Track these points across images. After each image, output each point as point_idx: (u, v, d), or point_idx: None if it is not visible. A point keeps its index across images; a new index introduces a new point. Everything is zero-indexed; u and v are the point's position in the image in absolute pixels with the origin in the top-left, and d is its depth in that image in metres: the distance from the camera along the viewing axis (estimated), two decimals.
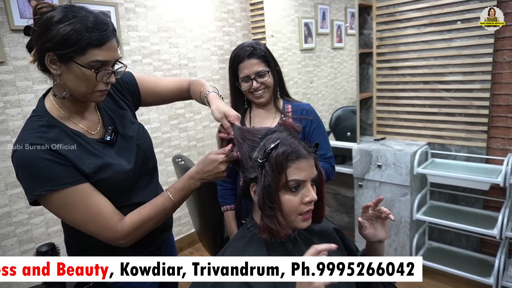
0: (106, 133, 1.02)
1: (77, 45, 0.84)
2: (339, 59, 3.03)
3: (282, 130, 0.89)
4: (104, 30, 0.87)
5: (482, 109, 2.19)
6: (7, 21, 1.89)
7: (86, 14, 0.87)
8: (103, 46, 0.87)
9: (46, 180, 0.87)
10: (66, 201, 0.90)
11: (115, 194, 1.00)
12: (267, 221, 0.84)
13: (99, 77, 0.90)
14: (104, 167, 0.96)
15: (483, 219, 2.17)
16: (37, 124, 0.92)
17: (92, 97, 0.95)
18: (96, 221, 0.93)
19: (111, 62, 0.92)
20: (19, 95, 1.98)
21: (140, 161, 1.08)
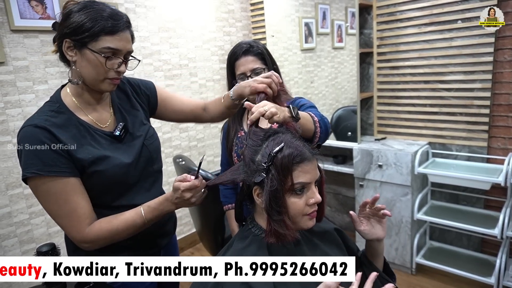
0: (117, 128, 1.04)
1: (90, 31, 0.90)
2: (339, 59, 3.03)
3: (285, 132, 0.88)
4: (117, 19, 0.93)
5: (483, 109, 2.19)
6: (7, 21, 1.89)
7: (103, 7, 0.94)
8: (115, 35, 0.92)
9: (37, 162, 0.90)
10: (49, 189, 0.92)
11: (113, 189, 1.01)
12: (275, 226, 0.83)
13: (109, 64, 0.94)
14: (102, 159, 0.98)
15: (484, 218, 2.16)
16: (48, 108, 0.98)
17: (103, 85, 0.98)
18: (69, 218, 0.94)
19: (123, 51, 0.96)
20: (20, 96, 1.97)
21: (144, 161, 1.08)
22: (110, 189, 1.01)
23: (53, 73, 2.10)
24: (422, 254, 2.38)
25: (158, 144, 1.17)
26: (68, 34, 0.92)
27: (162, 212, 0.98)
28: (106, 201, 1.02)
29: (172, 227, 1.24)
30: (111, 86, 0.99)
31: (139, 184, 1.08)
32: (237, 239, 0.94)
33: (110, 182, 1.00)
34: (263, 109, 0.89)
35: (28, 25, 1.95)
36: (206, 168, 2.96)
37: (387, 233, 2.38)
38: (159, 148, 1.17)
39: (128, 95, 1.14)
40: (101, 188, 1.00)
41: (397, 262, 2.40)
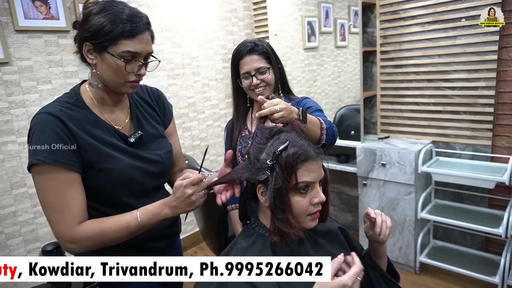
0: (133, 135, 1.04)
1: (110, 35, 0.89)
2: (342, 57, 3.02)
3: (290, 130, 0.88)
4: (136, 22, 0.92)
5: (487, 107, 2.18)
6: (11, 22, 1.90)
7: (122, 8, 0.93)
8: (134, 38, 0.91)
9: (45, 150, 0.88)
10: (49, 178, 0.90)
11: (117, 190, 1.00)
12: (279, 224, 0.83)
13: (129, 68, 0.93)
14: (112, 157, 0.97)
15: (488, 217, 2.15)
16: (65, 99, 0.97)
17: (123, 88, 0.98)
18: (61, 211, 0.90)
19: (142, 54, 0.95)
20: (24, 96, 1.99)
21: (154, 171, 1.08)
22: (115, 189, 1.00)
23: (57, 73, 2.11)
24: (426, 253, 2.37)
25: (172, 160, 1.17)
26: (88, 37, 0.92)
27: (158, 217, 0.95)
28: (110, 201, 1.02)
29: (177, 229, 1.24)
30: (132, 89, 0.99)
31: (145, 193, 1.07)
32: (241, 238, 0.94)
33: (116, 182, 0.99)
34: (274, 109, 0.89)
35: (32, 25, 1.96)
36: (209, 167, 2.96)
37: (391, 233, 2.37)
38: (171, 164, 1.18)
39: (149, 104, 1.14)
40: (107, 187, 0.99)
41: (400, 261, 2.40)
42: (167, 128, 1.20)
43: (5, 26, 1.88)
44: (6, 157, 1.95)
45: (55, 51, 2.08)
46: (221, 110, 3.06)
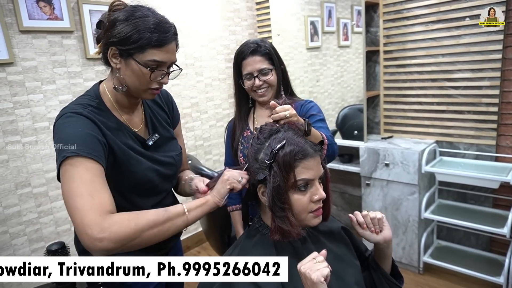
0: (151, 138, 1.06)
1: (138, 43, 0.90)
2: (345, 57, 3.01)
3: (287, 129, 0.89)
4: (165, 32, 0.92)
5: (491, 107, 2.17)
6: (16, 22, 1.91)
7: (152, 16, 0.92)
8: (162, 48, 0.92)
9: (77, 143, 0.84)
10: (79, 168, 0.82)
11: (136, 193, 1.01)
12: (279, 222, 0.83)
13: (153, 76, 0.94)
14: (135, 160, 0.99)
15: (492, 217, 2.14)
16: (87, 102, 0.96)
17: (144, 94, 0.99)
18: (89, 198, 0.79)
19: (167, 63, 0.96)
20: (28, 96, 2.00)
21: (168, 173, 1.10)
22: (134, 192, 1.01)
23: (61, 73, 2.12)
24: (430, 253, 2.37)
25: (182, 161, 1.18)
26: (115, 43, 0.91)
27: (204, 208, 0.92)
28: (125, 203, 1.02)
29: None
30: (152, 96, 1.01)
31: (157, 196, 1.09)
32: (244, 238, 0.94)
33: (137, 184, 1.00)
34: (284, 114, 0.91)
35: (36, 25, 1.97)
36: (212, 167, 2.96)
37: (394, 233, 2.37)
38: (181, 165, 1.19)
39: (160, 106, 1.16)
40: (128, 189, 1.00)
41: (404, 261, 2.39)
42: (174, 129, 1.21)
43: (9, 26, 1.89)
44: (11, 157, 1.96)
45: (59, 51, 2.09)
46: (224, 110, 3.06)
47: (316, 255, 0.78)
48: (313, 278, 0.72)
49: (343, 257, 0.97)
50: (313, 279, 0.72)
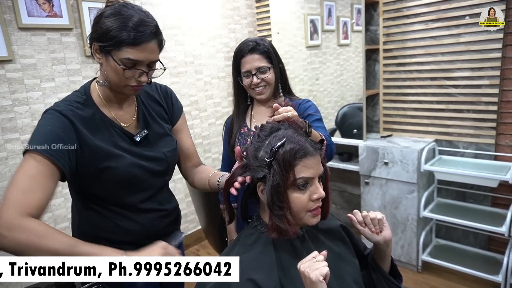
0: (139, 134, 1.06)
1: (114, 41, 0.91)
2: (345, 56, 3.01)
3: (287, 127, 0.89)
4: (141, 31, 0.92)
5: (490, 105, 2.17)
6: (15, 19, 1.90)
7: (132, 14, 0.93)
8: (137, 46, 0.92)
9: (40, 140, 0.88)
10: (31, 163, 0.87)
11: (122, 188, 1.02)
12: (276, 221, 0.83)
13: (128, 74, 0.95)
14: (116, 156, 0.99)
15: (491, 216, 2.15)
16: (74, 98, 1.00)
17: (125, 90, 1.00)
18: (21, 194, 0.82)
19: (144, 62, 0.96)
20: (27, 93, 1.99)
21: (159, 169, 1.10)
22: (119, 188, 1.02)
23: (60, 70, 2.11)
24: (428, 252, 2.37)
25: (176, 158, 1.18)
26: (96, 38, 0.94)
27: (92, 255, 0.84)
28: (114, 200, 1.04)
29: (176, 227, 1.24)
30: (133, 92, 1.01)
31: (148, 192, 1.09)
32: (243, 236, 0.94)
33: (120, 181, 1.01)
34: (287, 115, 0.91)
35: (35, 23, 1.97)
36: (211, 165, 2.96)
37: (393, 231, 2.37)
38: (176, 162, 1.20)
39: (157, 101, 1.16)
40: (111, 186, 1.01)
41: (403, 260, 2.39)
42: (176, 124, 1.21)
43: (8, 23, 1.89)
44: (10, 155, 1.96)
45: (58, 48, 2.09)
46: (224, 108, 3.06)
47: (316, 254, 0.78)
48: (312, 278, 0.72)
49: (342, 255, 0.97)
50: (312, 278, 0.72)
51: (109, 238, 1.03)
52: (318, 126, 1.30)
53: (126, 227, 1.06)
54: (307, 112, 1.36)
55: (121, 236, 1.05)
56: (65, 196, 2.16)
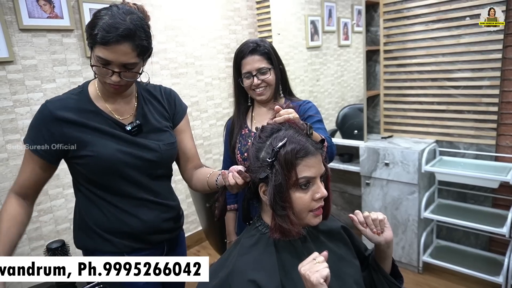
0: (131, 124, 1.09)
1: (90, 38, 0.96)
2: (345, 56, 3.01)
3: (288, 128, 0.89)
4: (110, 32, 0.93)
5: (491, 106, 2.17)
6: (15, 20, 1.91)
7: (110, 15, 0.95)
8: (107, 46, 0.94)
9: (30, 136, 1.04)
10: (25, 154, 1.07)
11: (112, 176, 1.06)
12: (279, 221, 0.83)
13: (98, 71, 0.99)
14: (98, 142, 1.04)
15: (492, 217, 2.15)
16: (71, 91, 1.09)
17: (106, 86, 1.04)
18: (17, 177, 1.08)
19: (115, 63, 0.97)
20: (28, 94, 2.00)
21: (148, 160, 1.10)
22: (109, 174, 1.06)
23: (61, 71, 2.11)
24: (429, 253, 2.37)
25: (173, 153, 1.19)
26: (86, 33, 0.99)
27: None
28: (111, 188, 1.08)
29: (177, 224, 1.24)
30: (112, 90, 1.04)
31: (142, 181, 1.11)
32: (244, 237, 0.94)
33: (106, 166, 1.04)
34: (288, 117, 0.92)
35: (36, 24, 1.97)
36: (212, 166, 2.96)
37: (394, 232, 2.37)
38: (173, 157, 1.20)
39: (158, 100, 1.18)
40: (99, 171, 1.05)
41: (403, 261, 2.39)
42: (178, 125, 1.23)
43: (9, 25, 1.89)
44: (11, 156, 1.96)
45: (59, 50, 2.09)
46: (224, 109, 3.06)
47: (316, 256, 0.78)
48: (313, 280, 0.72)
49: (343, 256, 0.97)
50: (313, 281, 0.72)
51: (108, 230, 1.08)
52: (318, 128, 1.30)
53: (125, 220, 1.08)
54: (308, 113, 1.37)
55: (119, 227, 1.09)
56: (66, 197, 2.17)
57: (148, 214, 1.12)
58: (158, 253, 1.18)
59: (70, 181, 1.16)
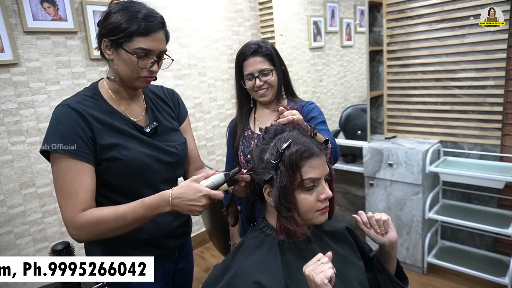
0: (148, 126, 1.08)
1: (125, 32, 0.95)
2: (348, 57, 3.01)
3: (292, 129, 0.89)
4: (151, 21, 0.97)
5: (496, 106, 2.15)
6: (20, 23, 1.92)
7: (140, 8, 0.98)
8: (148, 36, 0.96)
9: (58, 140, 0.94)
10: (60, 165, 0.95)
11: (132, 179, 1.02)
12: (285, 222, 0.83)
13: (141, 64, 0.98)
14: (125, 148, 1.01)
15: (497, 218, 2.13)
16: (83, 93, 1.04)
17: (137, 83, 1.03)
18: (68, 198, 0.94)
19: (155, 51, 1.00)
20: (32, 96, 2.01)
21: (169, 162, 1.10)
22: (131, 178, 1.03)
23: (65, 73, 2.12)
24: (434, 254, 2.36)
25: (186, 153, 1.20)
26: (106, 34, 0.97)
27: (155, 211, 0.92)
28: (127, 191, 1.04)
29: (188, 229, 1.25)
30: (145, 84, 1.04)
31: (160, 184, 1.09)
32: (248, 238, 0.94)
33: (132, 170, 1.02)
34: (292, 118, 0.92)
35: (40, 26, 1.98)
36: (215, 167, 2.96)
37: (398, 233, 2.36)
38: (186, 157, 1.20)
39: (164, 100, 1.19)
40: (123, 175, 1.02)
41: (408, 262, 2.38)
42: (181, 126, 1.23)
43: (14, 27, 1.90)
44: (15, 157, 1.97)
45: (63, 52, 2.10)
46: (227, 110, 3.07)
47: (321, 257, 0.77)
48: (317, 281, 0.72)
49: (347, 258, 0.96)
50: (317, 282, 0.72)
51: (123, 238, 1.01)
52: (322, 129, 1.30)
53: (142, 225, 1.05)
54: (311, 114, 1.36)
55: (134, 234, 1.03)
56: None
57: (164, 218, 1.10)
58: (169, 259, 1.18)
59: None
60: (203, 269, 2.61)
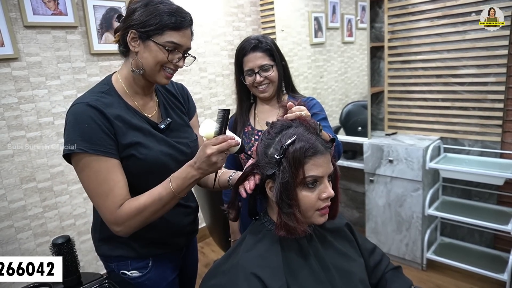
0: (163, 122, 1.08)
1: (157, 25, 0.95)
2: (349, 53, 3.00)
3: (298, 125, 0.88)
4: (183, 17, 0.99)
5: (496, 103, 2.15)
6: (20, 17, 1.91)
7: (170, 3, 1.00)
8: (179, 31, 0.98)
9: (84, 139, 0.92)
10: (91, 166, 0.93)
11: (150, 178, 1.01)
12: (285, 218, 0.83)
13: (171, 57, 0.99)
14: (143, 145, 1.00)
15: (497, 214, 2.14)
16: (98, 89, 1.02)
17: (159, 77, 1.02)
18: (105, 197, 0.94)
19: (183, 47, 1.01)
20: (33, 91, 2.00)
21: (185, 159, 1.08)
22: (148, 176, 1.02)
23: (65, 68, 2.12)
24: (433, 250, 2.36)
25: (197, 149, 1.18)
26: (135, 25, 0.96)
27: (186, 180, 0.93)
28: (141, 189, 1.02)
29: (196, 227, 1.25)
30: (165, 80, 1.04)
31: None
32: (249, 234, 0.94)
33: (150, 168, 1.01)
34: (299, 114, 0.91)
35: (40, 21, 1.97)
36: None
37: (398, 229, 2.37)
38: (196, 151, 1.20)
39: (174, 95, 1.19)
40: (141, 173, 1.01)
41: (407, 258, 2.39)
42: (191, 121, 1.23)
43: (14, 22, 1.90)
44: (16, 152, 1.97)
45: (63, 46, 2.10)
46: (228, 106, 3.06)
47: None
48: None
49: (349, 255, 0.96)
50: None
51: (134, 236, 1.01)
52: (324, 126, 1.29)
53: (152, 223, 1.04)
54: (312, 111, 1.35)
55: (145, 232, 1.03)
56: (71, 194, 2.18)
57: (176, 217, 1.11)
58: (177, 257, 1.20)
59: (74, 177, 1.17)
60: (203, 264, 2.62)
